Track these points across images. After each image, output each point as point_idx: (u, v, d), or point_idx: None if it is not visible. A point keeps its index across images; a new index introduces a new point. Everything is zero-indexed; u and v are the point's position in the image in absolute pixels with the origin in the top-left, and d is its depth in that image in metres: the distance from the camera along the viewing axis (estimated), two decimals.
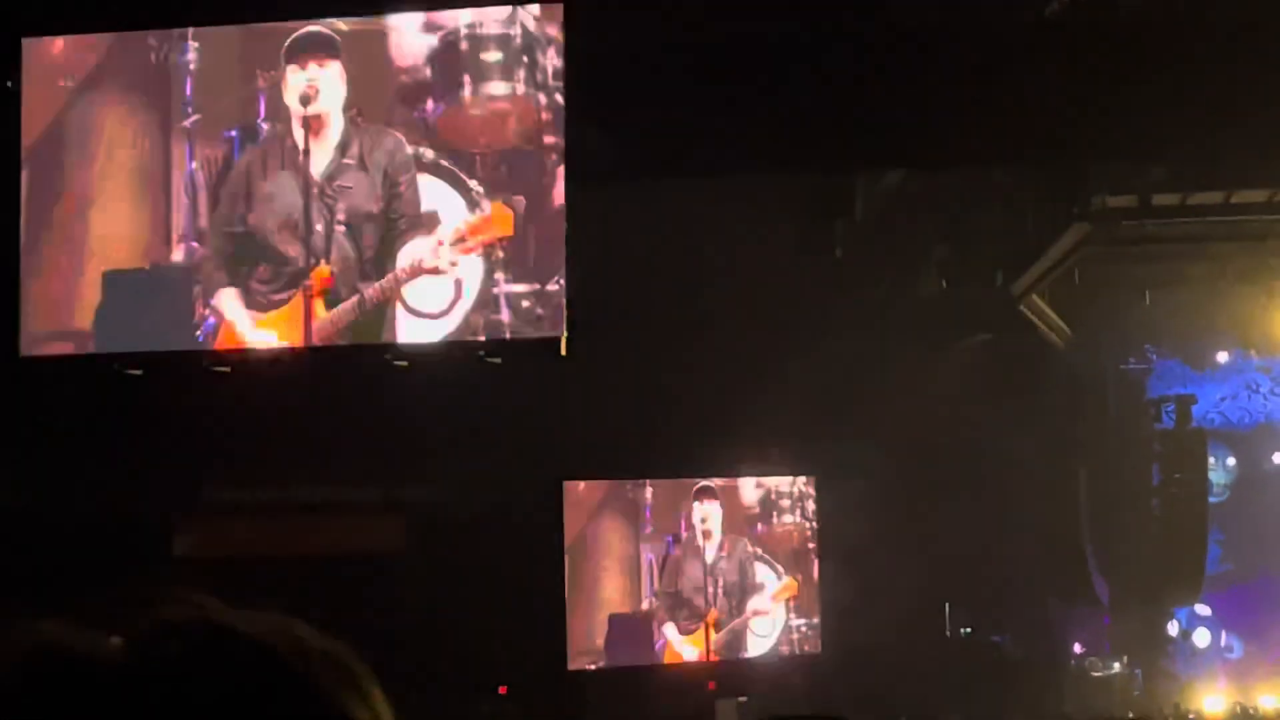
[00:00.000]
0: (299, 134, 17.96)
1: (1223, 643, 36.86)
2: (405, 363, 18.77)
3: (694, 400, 27.99)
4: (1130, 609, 34.14)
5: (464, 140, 17.99)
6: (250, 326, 18.11)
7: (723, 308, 27.21)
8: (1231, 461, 38.40)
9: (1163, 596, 34.55)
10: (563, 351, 17.69)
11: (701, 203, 25.61)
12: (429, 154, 17.79)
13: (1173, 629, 35.64)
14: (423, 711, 23.47)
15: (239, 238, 17.98)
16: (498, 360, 18.59)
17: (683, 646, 31.09)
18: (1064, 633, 33.90)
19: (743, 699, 29.50)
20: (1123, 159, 23.97)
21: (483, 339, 18.26)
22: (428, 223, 17.88)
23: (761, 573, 32.08)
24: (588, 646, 30.40)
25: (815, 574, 32.11)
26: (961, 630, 33.47)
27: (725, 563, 31.61)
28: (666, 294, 27.12)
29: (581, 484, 30.40)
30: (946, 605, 33.21)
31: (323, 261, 17.86)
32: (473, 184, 17.95)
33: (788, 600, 32.14)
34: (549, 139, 18.27)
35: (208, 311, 18.19)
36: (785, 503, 32.63)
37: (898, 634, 30.39)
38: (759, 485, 32.32)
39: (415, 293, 18.27)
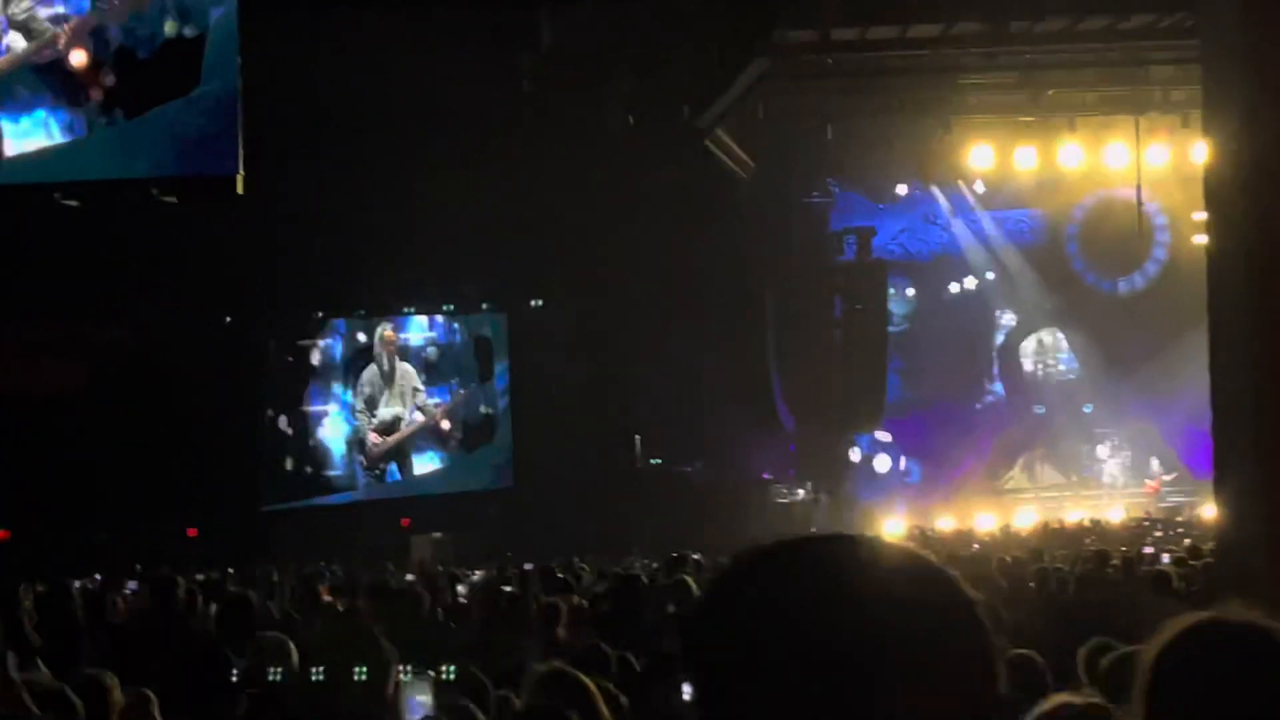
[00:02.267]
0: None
1: (902, 468, 38.18)
2: (75, 202, 18.11)
3: (381, 237, 27.65)
4: (814, 436, 35.07)
5: None
6: None
7: (407, 142, 26.85)
8: (911, 292, 39.57)
9: (845, 424, 35.54)
10: (239, 189, 17.19)
11: (384, 35, 25.13)
12: None
13: (854, 455, 36.77)
14: (114, 551, 23.12)
15: None
16: (173, 199, 18.06)
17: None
18: (751, 460, 34.64)
19: (437, 535, 29.63)
20: None
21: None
22: None
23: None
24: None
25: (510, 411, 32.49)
26: (651, 460, 34.05)
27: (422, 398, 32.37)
28: (349, 128, 26.66)
29: None
30: (637, 437, 33.75)
31: None
32: None
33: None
34: None
35: None
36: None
37: (589, 465, 30.80)
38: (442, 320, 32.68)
39: None
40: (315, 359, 31.80)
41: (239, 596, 8.88)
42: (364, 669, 4.55)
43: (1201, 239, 8.63)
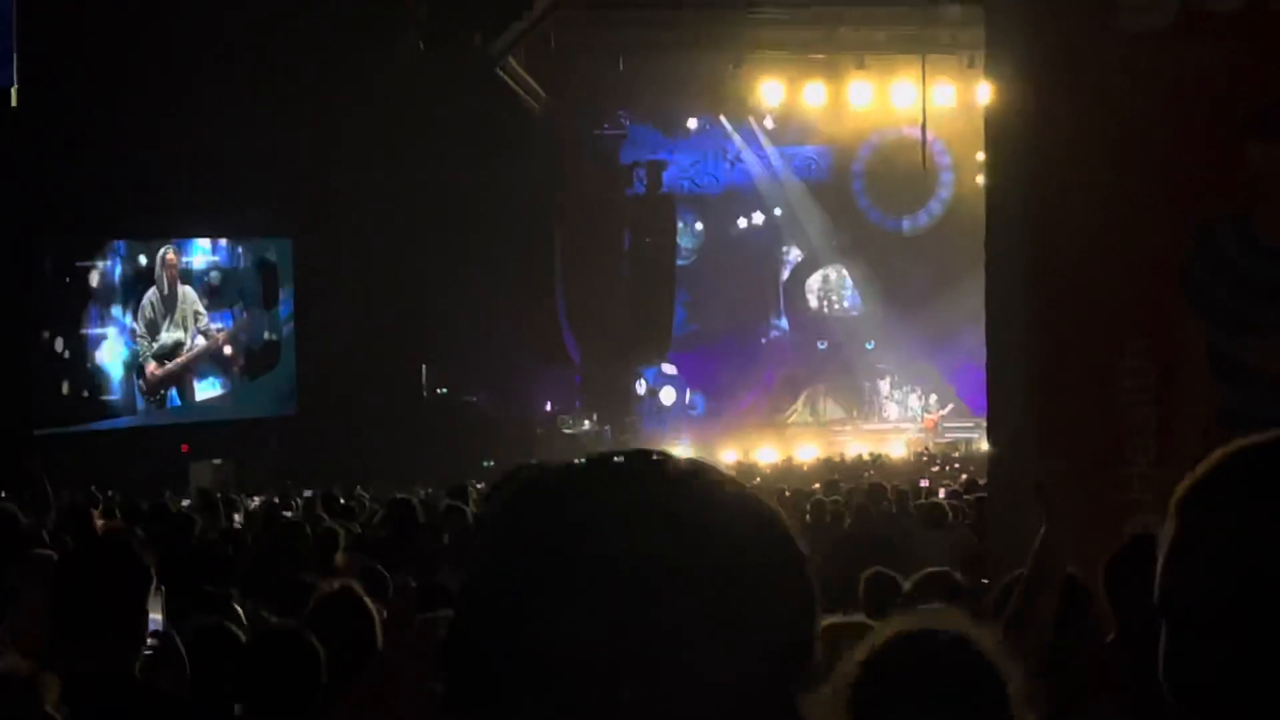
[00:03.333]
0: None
1: (687, 400, 38.50)
2: None
3: (164, 159, 27.03)
4: (600, 368, 35.21)
5: None
6: None
7: (194, 63, 26.26)
8: (699, 226, 39.79)
9: (631, 356, 35.74)
10: (13, 102, 16.74)
11: None
12: None
13: (640, 387, 37.00)
14: None
15: None
16: None
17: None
18: (537, 391, 34.69)
19: (217, 461, 29.23)
20: None
21: None
22: None
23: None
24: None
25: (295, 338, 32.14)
26: (438, 389, 33.92)
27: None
28: (133, 47, 25.99)
29: None
30: (424, 366, 33.59)
31: None
32: None
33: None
34: None
35: None
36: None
37: (375, 394, 30.58)
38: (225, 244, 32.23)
39: None
40: (94, 280, 31.04)
41: (4, 512, 8.65)
42: None
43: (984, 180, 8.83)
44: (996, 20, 8.45)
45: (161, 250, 31.78)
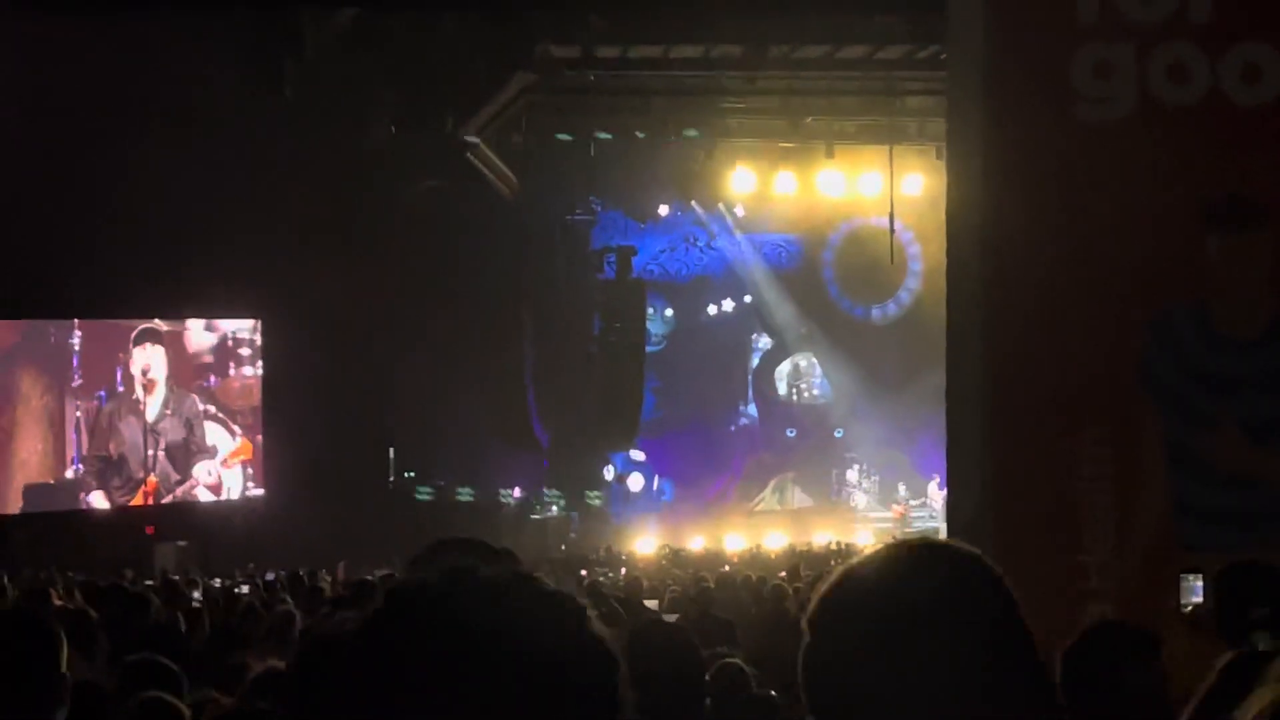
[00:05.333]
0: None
1: (655, 487, 38.41)
2: None
3: (131, 237, 26.98)
4: (568, 453, 35.15)
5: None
6: None
7: (164, 142, 26.26)
8: (669, 312, 39.82)
9: (599, 441, 35.69)
10: None
11: (141, 32, 24.63)
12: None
13: (608, 473, 36.93)
14: None
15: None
16: None
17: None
18: (505, 475, 34.60)
19: (182, 543, 29.06)
20: (566, 9, 24.24)
21: None
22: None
23: (214, 433, 31.37)
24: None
25: (261, 420, 31.89)
26: (405, 474, 33.81)
27: (169, 421, 30.74)
28: (102, 127, 26.03)
29: None
30: (391, 449, 33.49)
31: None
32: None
33: (241, 463, 31.72)
34: None
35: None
36: (245, 351, 32.02)
37: (341, 477, 30.47)
38: (210, 329, 31.47)
39: None
40: None
41: None
42: None
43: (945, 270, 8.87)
44: (957, 110, 8.51)
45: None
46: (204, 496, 31.14)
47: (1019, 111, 7.86)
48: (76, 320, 29.51)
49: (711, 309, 39.24)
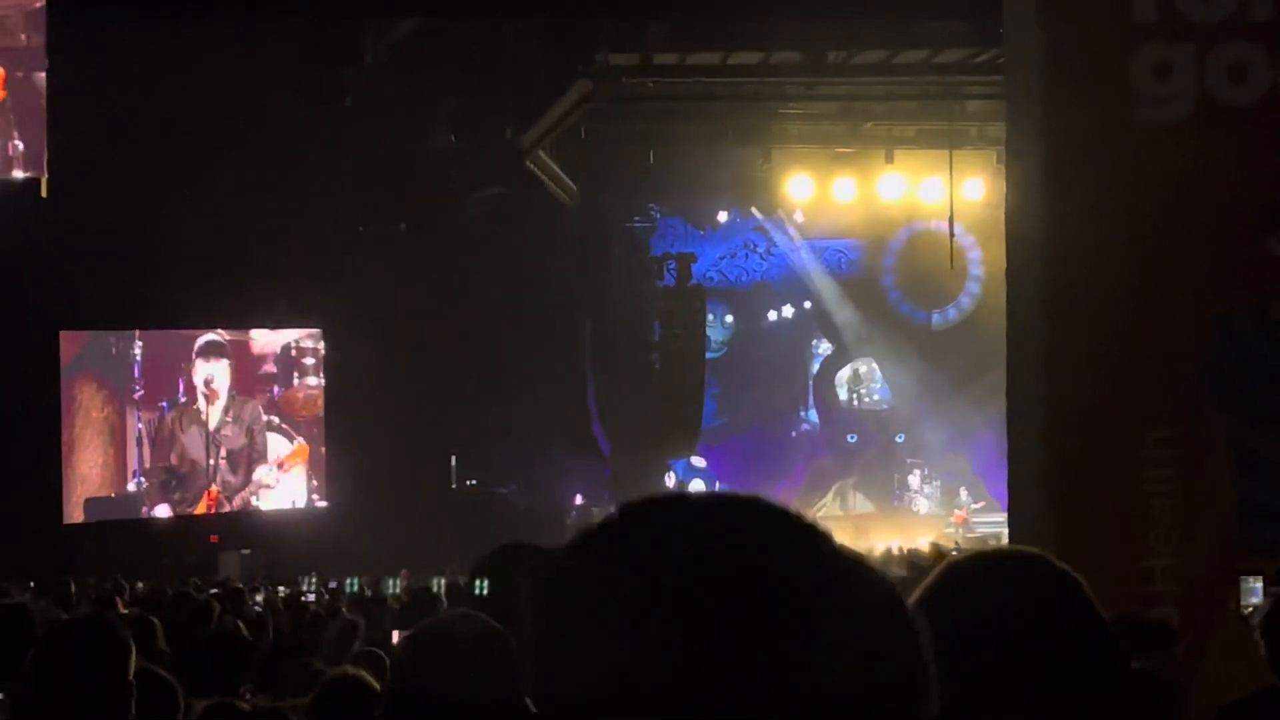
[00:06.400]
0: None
1: None
2: None
3: (192, 247, 27.11)
4: (630, 460, 35.15)
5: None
6: None
7: (226, 154, 26.42)
8: (729, 318, 39.82)
9: (661, 448, 35.70)
10: (43, 193, 16.88)
11: (200, 48, 24.84)
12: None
13: (669, 480, 36.90)
14: None
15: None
16: None
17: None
18: (567, 483, 34.64)
19: (246, 551, 29.21)
20: (625, 17, 24.31)
21: None
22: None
23: (274, 442, 31.48)
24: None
25: (324, 430, 32.01)
26: (467, 481, 33.89)
27: (230, 428, 30.71)
28: (164, 140, 26.22)
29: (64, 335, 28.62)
30: (453, 457, 33.59)
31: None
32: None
33: (302, 465, 31.76)
34: None
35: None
36: (309, 361, 32.18)
37: (405, 485, 30.58)
38: (273, 339, 31.47)
39: None
40: None
41: (20, 612, 8.64)
42: None
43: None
44: (1017, 113, 8.49)
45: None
46: (265, 501, 31.22)
47: (1079, 112, 7.83)
48: (138, 331, 29.67)
49: (771, 315, 39.18)
